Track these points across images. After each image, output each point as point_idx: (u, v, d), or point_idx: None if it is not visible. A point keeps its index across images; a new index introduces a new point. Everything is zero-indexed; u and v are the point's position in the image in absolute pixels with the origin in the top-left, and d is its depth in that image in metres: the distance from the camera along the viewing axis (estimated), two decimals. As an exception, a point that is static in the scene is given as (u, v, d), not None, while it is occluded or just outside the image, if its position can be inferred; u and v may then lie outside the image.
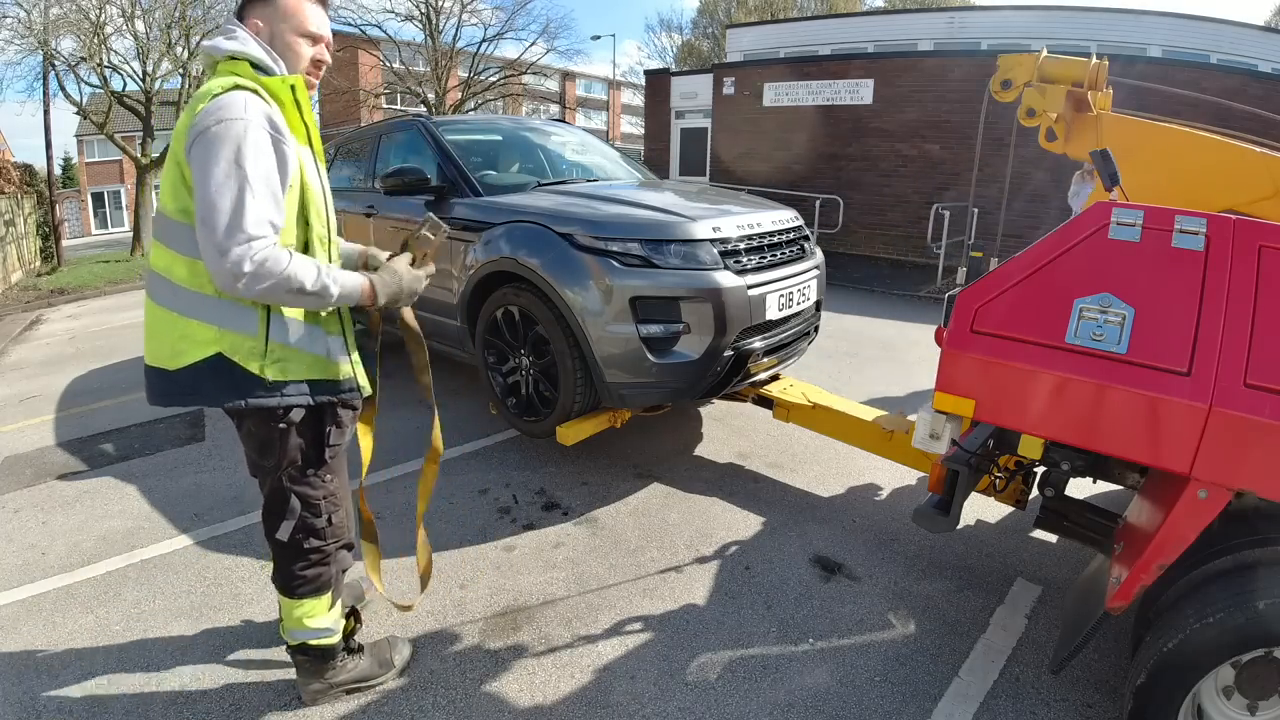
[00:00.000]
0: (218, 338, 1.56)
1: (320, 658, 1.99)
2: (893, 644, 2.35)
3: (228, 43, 1.59)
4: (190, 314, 1.56)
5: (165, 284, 1.59)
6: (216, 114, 1.46)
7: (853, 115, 11.02)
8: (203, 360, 1.56)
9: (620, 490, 3.40)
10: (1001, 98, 3.96)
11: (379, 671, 2.14)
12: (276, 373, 1.61)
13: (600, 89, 44.31)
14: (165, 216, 1.58)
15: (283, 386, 1.62)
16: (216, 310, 1.56)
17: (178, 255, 1.57)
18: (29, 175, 14.39)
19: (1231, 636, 1.58)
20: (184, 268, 1.56)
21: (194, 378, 1.57)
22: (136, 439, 4.20)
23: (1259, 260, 1.60)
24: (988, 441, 2.07)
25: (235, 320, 1.57)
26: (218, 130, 1.45)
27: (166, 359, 1.59)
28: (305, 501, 1.80)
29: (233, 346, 1.57)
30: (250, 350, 1.58)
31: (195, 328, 1.56)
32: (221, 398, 1.60)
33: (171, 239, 1.57)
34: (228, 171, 1.43)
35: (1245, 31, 14.39)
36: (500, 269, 3.25)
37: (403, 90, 23.67)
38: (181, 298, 1.57)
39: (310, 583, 1.86)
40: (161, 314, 1.60)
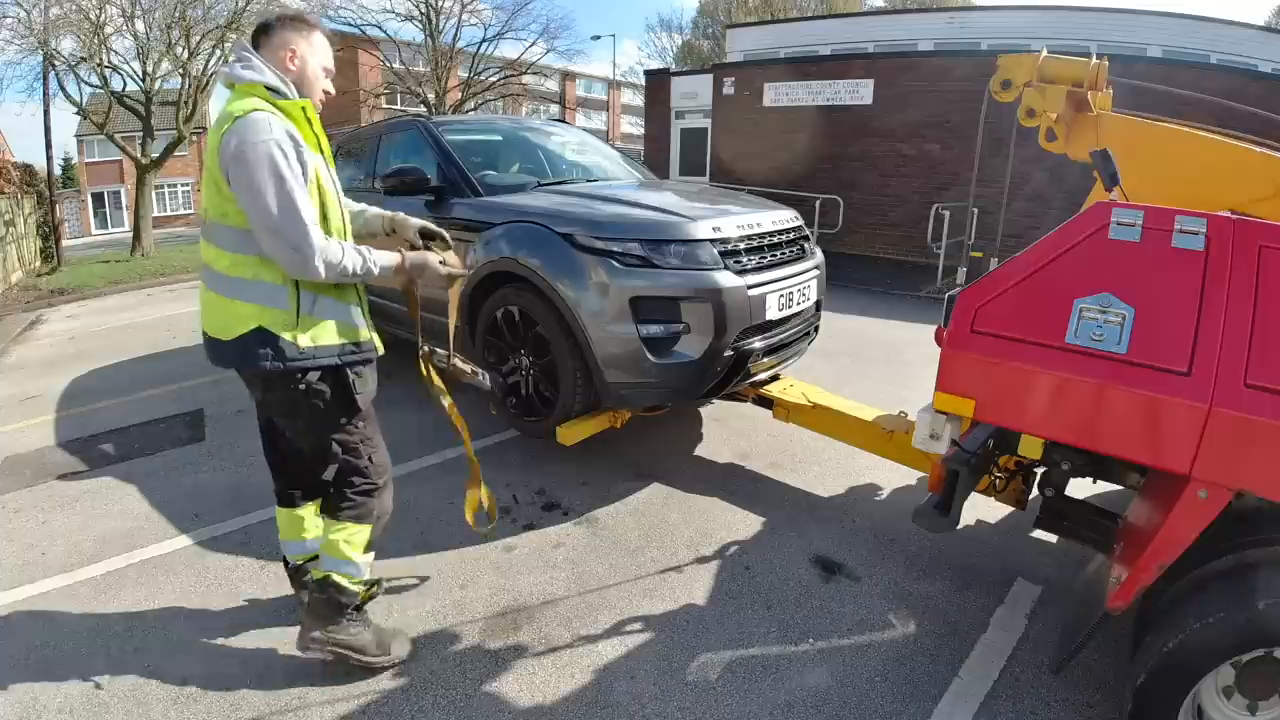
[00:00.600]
0: (258, 314, 1.86)
1: (334, 604, 2.11)
2: (893, 644, 2.35)
3: (245, 72, 1.87)
4: (234, 296, 1.87)
5: (213, 273, 1.90)
6: (247, 137, 1.74)
7: (853, 115, 11.01)
8: (247, 332, 1.86)
9: (620, 490, 3.40)
10: (1001, 98, 3.95)
11: (375, 652, 2.18)
12: (307, 340, 1.90)
13: (600, 89, 44.31)
14: (207, 219, 1.89)
15: (312, 351, 1.91)
16: (255, 291, 1.86)
17: (221, 250, 1.87)
18: (29, 175, 14.37)
19: (1231, 636, 1.58)
20: (225, 260, 1.87)
21: (241, 346, 1.87)
22: (136, 439, 4.20)
23: (1259, 260, 1.60)
24: (988, 441, 2.07)
25: (270, 299, 1.87)
26: (251, 153, 1.73)
27: (221, 332, 1.91)
28: (345, 447, 2.07)
29: (271, 320, 1.86)
30: (284, 322, 1.87)
31: (239, 307, 1.87)
32: (263, 362, 1.87)
33: (214, 237, 1.88)
34: (274, 187, 1.74)
35: (1245, 32, 14.39)
36: (500, 269, 3.25)
37: (403, 90, 23.67)
38: (225, 284, 1.88)
39: (356, 507, 2.10)
40: (213, 298, 1.92)
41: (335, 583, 2.10)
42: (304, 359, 1.89)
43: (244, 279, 1.86)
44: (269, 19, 1.99)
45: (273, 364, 1.87)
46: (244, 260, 1.85)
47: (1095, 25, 13.34)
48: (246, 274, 1.86)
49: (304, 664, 2.24)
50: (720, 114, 12.67)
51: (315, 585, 2.14)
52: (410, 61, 22.78)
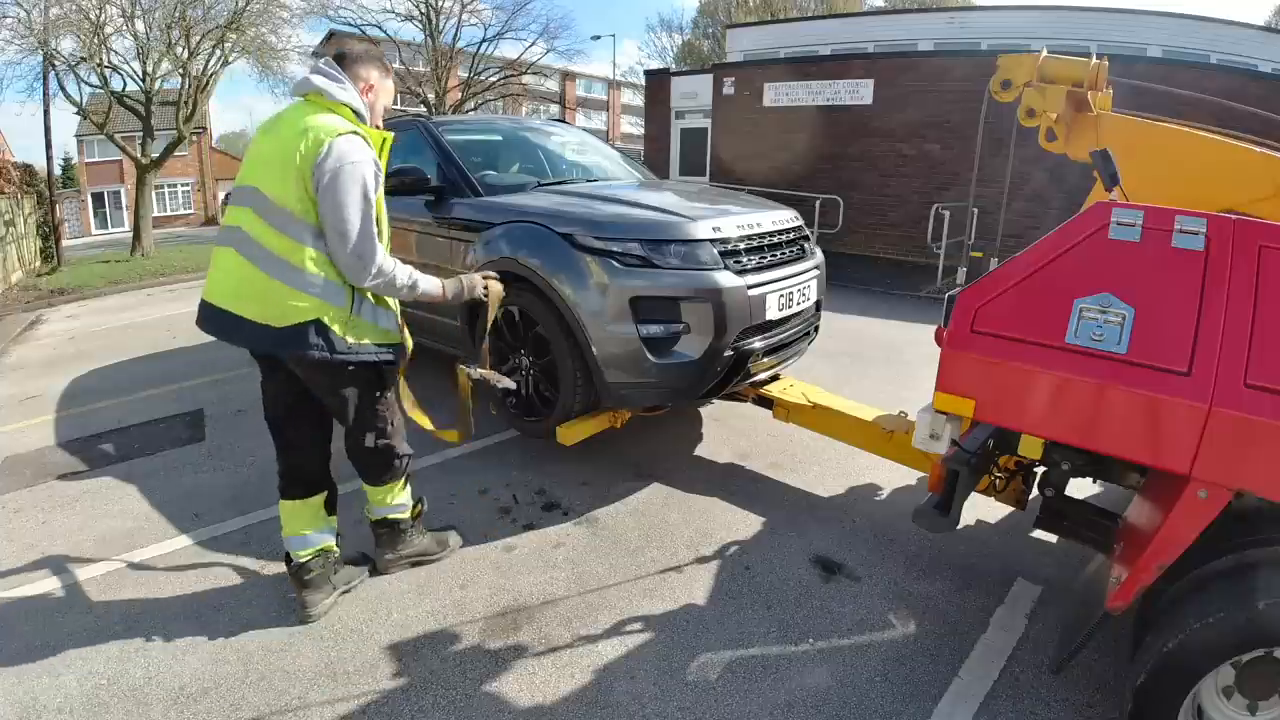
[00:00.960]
0: (319, 308, 2.09)
1: (395, 531, 2.63)
2: (893, 644, 2.35)
3: (339, 91, 2.12)
4: (298, 287, 2.07)
5: (280, 261, 2.06)
6: (346, 156, 2.00)
7: (853, 115, 11.01)
8: (305, 323, 2.08)
9: (620, 490, 3.40)
10: (1001, 98, 3.95)
11: (436, 549, 2.77)
12: (353, 337, 2.17)
13: (600, 89, 44.32)
14: (288, 212, 2.04)
15: (356, 348, 2.18)
16: (321, 288, 2.09)
17: (298, 244, 2.05)
18: (29, 175, 14.37)
19: (1231, 636, 1.58)
20: (302, 254, 2.06)
21: (295, 334, 2.08)
22: (136, 439, 4.20)
23: (1259, 260, 1.60)
24: (988, 441, 2.07)
25: (334, 297, 2.12)
26: (349, 170, 2.00)
27: (274, 319, 2.07)
28: (378, 415, 2.39)
29: (329, 315, 2.11)
30: (339, 319, 2.13)
31: (301, 298, 2.07)
32: (313, 351, 2.10)
33: (290, 230, 2.05)
34: (359, 204, 2.03)
35: (1245, 32, 14.38)
36: (500, 269, 3.24)
37: (403, 90, 23.64)
38: (293, 275, 2.06)
39: (392, 472, 2.50)
40: (273, 285, 2.06)
41: (391, 519, 2.59)
42: (349, 353, 2.16)
43: (315, 274, 2.07)
44: (357, 47, 2.27)
45: (321, 354, 2.11)
46: (320, 258, 2.07)
47: (1095, 25, 13.34)
48: (319, 271, 2.07)
49: (304, 664, 2.25)
50: (720, 114, 12.66)
51: (375, 524, 2.62)
52: (410, 61, 22.77)
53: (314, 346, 2.09)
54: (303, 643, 2.35)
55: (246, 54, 14.75)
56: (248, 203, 2.09)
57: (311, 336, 2.08)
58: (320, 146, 1.99)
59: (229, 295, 2.13)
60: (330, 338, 2.11)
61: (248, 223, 2.09)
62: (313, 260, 2.06)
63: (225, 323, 2.13)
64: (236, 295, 2.12)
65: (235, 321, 2.11)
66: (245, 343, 2.18)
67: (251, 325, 2.10)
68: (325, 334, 2.10)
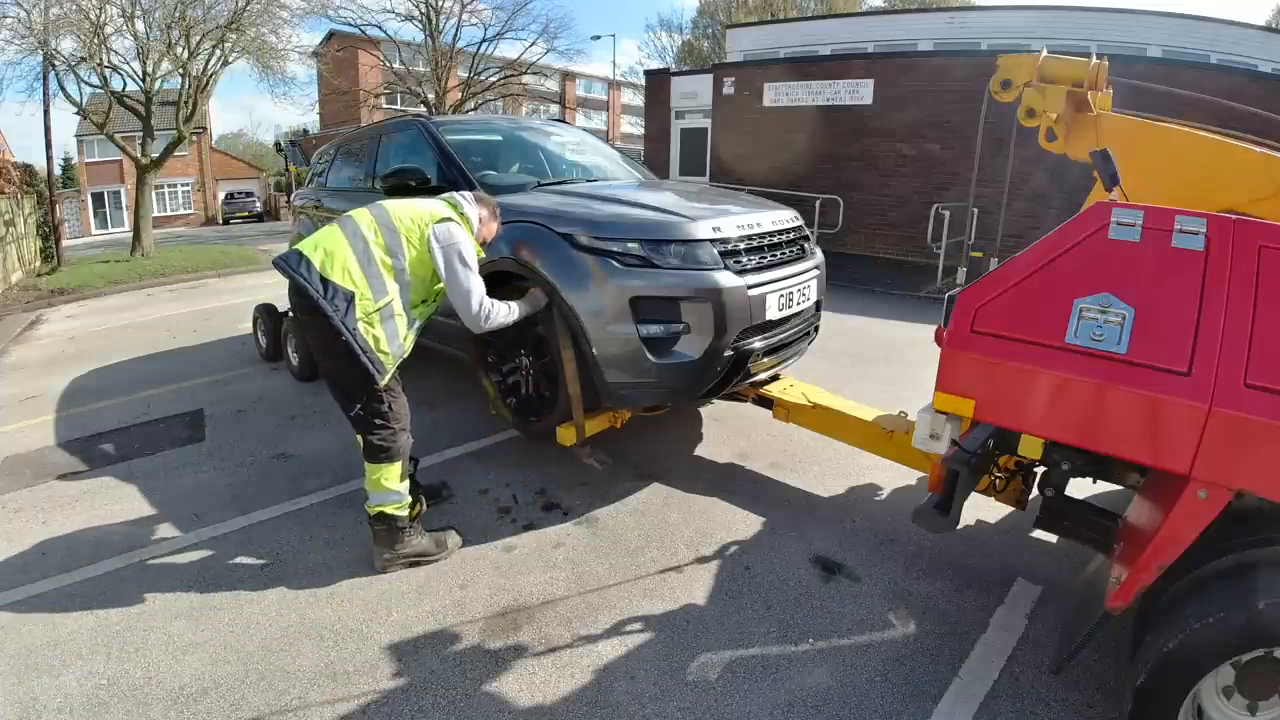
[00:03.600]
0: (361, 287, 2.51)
1: (393, 529, 2.70)
2: (893, 644, 2.35)
3: (468, 207, 2.81)
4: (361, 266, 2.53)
5: (367, 247, 2.55)
6: (452, 236, 2.64)
7: (853, 115, 11.01)
8: (341, 286, 2.47)
9: (620, 490, 3.40)
10: (1001, 98, 3.95)
11: (435, 549, 2.80)
12: (364, 329, 2.51)
13: (600, 89, 44.31)
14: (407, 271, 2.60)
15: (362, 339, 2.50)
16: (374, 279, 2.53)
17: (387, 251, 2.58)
18: (29, 175, 14.36)
19: (1231, 636, 1.58)
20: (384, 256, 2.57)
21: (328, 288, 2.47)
22: (136, 439, 4.20)
23: (1259, 260, 1.60)
24: (988, 441, 2.07)
25: (376, 290, 2.53)
26: (452, 246, 2.62)
27: (328, 269, 2.49)
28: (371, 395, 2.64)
29: (361, 297, 2.50)
30: (365, 308, 2.51)
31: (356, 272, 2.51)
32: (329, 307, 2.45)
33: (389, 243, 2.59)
34: (465, 271, 2.63)
35: (1246, 32, 14.38)
36: (500, 269, 3.24)
37: (403, 90, 23.68)
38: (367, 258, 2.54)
39: (385, 452, 2.64)
40: (349, 254, 2.54)
41: (388, 514, 2.67)
42: (354, 336, 2.48)
43: (378, 268, 2.54)
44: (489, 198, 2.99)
45: (334, 315, 2.45)
46: (389, 264, 2.57)
47: (1095, 25, 13.33)
48: (382, 269, 2.55)
49: (304, 664, 2.25)
50: (720, 114, 12.66)
51: (373, 520, 2.69)
52: (410, 61, 22.76)
53: (335, 307, 2.45)
54: (303, 643, 2.35)
55: (246, 54, 14.74)
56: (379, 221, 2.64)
57: (336, 298, 2.46)
58: (429, 228, 2.63)
59: (318, 255, 2.56)
60: (351, 310, 2.47)
61: (370, 229, 2.60)
62: (386, 264, 2.57)
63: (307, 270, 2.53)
64: (321, 254, 2.54)
65: (308, 267, 2.52)
66: (301, 279, 2.53)
67: (312, 269, 2.50)
68: (349, 303, 2.47)
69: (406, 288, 2.62)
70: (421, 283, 2.67)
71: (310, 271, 2.49)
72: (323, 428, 4.20)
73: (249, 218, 31.02)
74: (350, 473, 3.58)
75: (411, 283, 2.63)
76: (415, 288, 2.65)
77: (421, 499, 2.81)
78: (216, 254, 14.39)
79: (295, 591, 2.64)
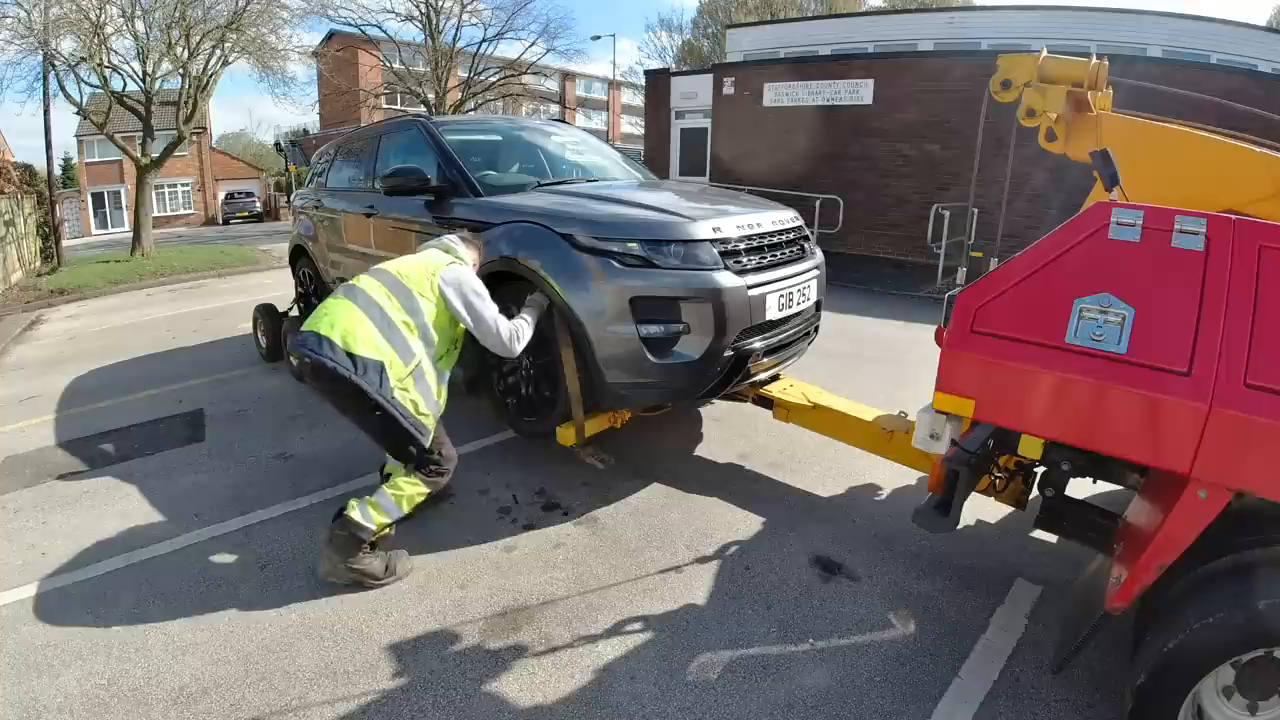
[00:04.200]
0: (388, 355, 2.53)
1: (353, 540, 2.59)
2: (893, 644, 2.35)
3: (461, 249, 2.88)
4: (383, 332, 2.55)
5: (382, 312, 2.57)
6: (460, 276, 2.70)
7: (853, 115, 11.01)
8: (370, 358, 2.49)
9: (620, 490, 3.40)
10: (1001, 98, 3.95)
11: (381, 574, 2.65)
12: (399, 394, 2.55)
13: (600, 89, 44.29)
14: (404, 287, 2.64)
15: (398, 404, 2.54)
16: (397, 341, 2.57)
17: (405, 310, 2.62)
18: (29, 175, 14.38)
19: (1231, 636, 1.58)
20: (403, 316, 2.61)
21: (359, 362, 2.47)
22: (136, 439, 4.20)
23: (1259, 260, 1.60)
24: (988, 441, 2.07)
25: (404, 354, 2.56)
26: (464, 285, 2.68)
27: (350, 344, 2.48)
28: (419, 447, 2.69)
29: (391, 363, 2.52)
30: (398, 374, 2.54)
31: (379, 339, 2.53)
32: (364, 383, 2.46)
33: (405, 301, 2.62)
34: (483, 304, 2.69)
35: (1246, 32, 14.39)
36: (500, 269, 3.24)
37: (403, 90, 23.65)
38: (385, 323, 2.57)
39: (431, 478, 2.72)
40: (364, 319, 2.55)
41: (359, 524, 2.57)
42: (392, 404, 2.52)
43: (400, 332, 2.58)
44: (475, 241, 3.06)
45: (370, 388, 2.47)
46: (411, 324, 2.61)
47: (1095, 25, 13.34)
48: (405, 331, 2.59)
49: (304, 664, 2.25)
50: (720, 114, 12.66)
51: (340, 523, 2.59)
52: (410, 61, 22.74)
53: (369, 381, 2.47)
54: (303, 643, 2.35)
55: (246, 54, 14.75)
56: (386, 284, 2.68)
57: (369, 372, 2.48)
58: (436, 275, 2.69)
59: (334, 327, 2.57)
60: (384, 379, 2.51)
61: (379, 294, 2.63)
62: (408, 324, 2.61)
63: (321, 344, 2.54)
64: (336, 327, 2.55)
65: (324, 341, 2.52)
66: (319, 354, 2.53)
67: (330, 343, 2.50)
68: (381, 375, 2.50)
69: (431, 343, 2.66)
70: (443, 333, 2.71)
71: (335, 351, 2.47)
72: (323, 428, 4.19)
73: (249, 218, 31.02)
74: (350, 473, 3.58)
75: (435, 336, 2.67)
76: (439, 341, 2.70)
77: (392, 525, 2.70)
78: (216, 254, 14.40)
79: (295, 591, 2.64)
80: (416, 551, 2.87)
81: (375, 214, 4.33)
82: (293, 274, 6.18)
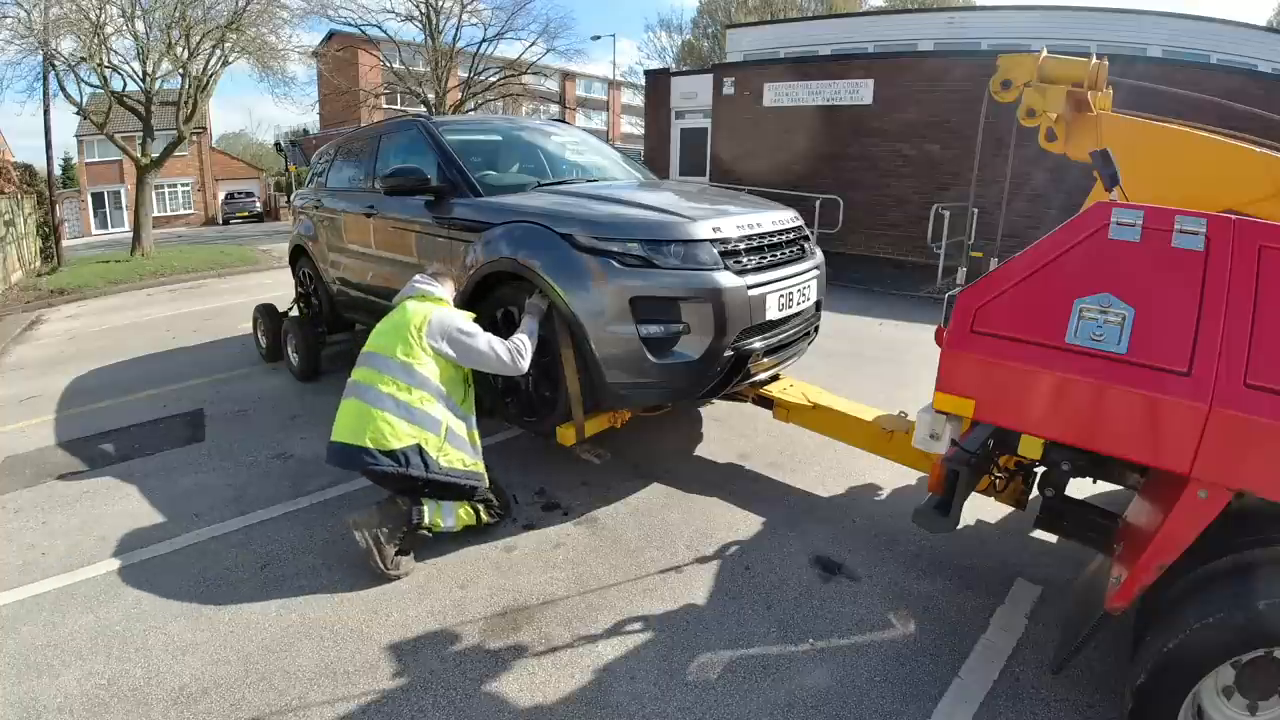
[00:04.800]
0: (419, 434, 2.67)
1: (402, 518, 2.74)
2: (893, 644, 2.35)
3: (436, 289, 2.95)
4: (402, 417, 2.66)
5: (388, 397, 2.67)
6: (443, 321, 2.79)
7: (853, 115, 11.00)
8: (408, 446, 2.64)
9: (620, 490, 3.40)
10: (1001, 98, 3.94)
11: (387, 566, 2.68)
12: (445, 460, 2.72)
13: (600, 89, 44.28)
14: (393, 359, 2.71)
15: (448, 469, 2.72)
16: (421, 418, 2.68)
17: (402, 383, 2.70)
18: (29, 175, 14.37)
19: (1231, 636, 1.58)
20: (407, 392, 2.70)
21: (399, 456, 2.62)
22: (136, 439, 4.20)
23: (1259, 260, 1.60)
24: (988, 441, 2.07)
25: (431, 426, 2.70)
26: (449, 327, 2.77)
27: (380, 443, 2.62)
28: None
29: (427, 440, 2.67)
30: (435, 444, 2.70)
31: (403, 426, 2.65)
32: (414, 470, 2.64)
33: (395, 372, 2.71)
34: (474, 339, 2.78)
35: (1247, 32, 14.38)
36: (500, 269, 3.24)
37: (403, 90, 23.64)
38: (399, 408, 2.67)
39: (487, 521, 2.96)
40: (378, 414, 2.64)
41: (427, 520, 2.75)
42: (448, 475, 2.70)
43: (418, 408, 2.67)
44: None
45: (420, 474, 2.64)
46: (425, 395, 2.70)
47: (1095, 25, 13.33)
48: (422, 405, 2.69)
49: (304, 664, 2.25)
50: (720, 114, 12.66)
51: (411, 508, 2.74)
52: (410, 61, 22.74)
53: (415, 466, 2.63)
54: (303, 643, 2.35)
55: (246, 54, 14.75)
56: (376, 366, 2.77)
57: (414, 457, 2.64)
58: (425, 320, 2.77)
59: (351, 431, 2.69)
60: (426, 458, 2.66)
61: (372, 378, 2.74)
62: (423, 398, 2.71)
63: (343, 454, 2.69)
64: (353, 429, 2.67)
65: (344, 450, 2.67)
66: (351, 464, 2.71)
67: (352, 449, 2.65)
68: (424, 455, 2.66)
69: (448, 399, 2.79)
70: (453, 383, 2.83)
71: (375, 458, 2.61)
72: (323, 428, 4.18)
73: (249, 218, 31.00)
74: (350, 473, 3.57)
75: (447, 390, 2.79)
76: (452, 391, 2.82)
77: (428, 528, 2.81)
78: (216, 254, 14.40)
79: (295, 591, 2.64)
80: (417, 551, 2.87)
81: (375, 214, 4.33)
82: (293, 274, 6.18)
